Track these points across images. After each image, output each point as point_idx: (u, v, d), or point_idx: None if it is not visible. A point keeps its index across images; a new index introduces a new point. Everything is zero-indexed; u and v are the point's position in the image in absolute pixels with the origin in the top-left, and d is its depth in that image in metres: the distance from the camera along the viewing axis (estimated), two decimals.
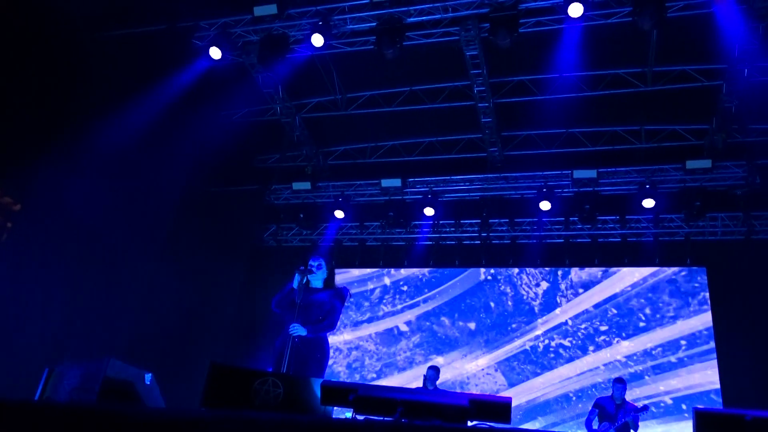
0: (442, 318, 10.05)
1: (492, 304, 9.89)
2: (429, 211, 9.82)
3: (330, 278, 4.67)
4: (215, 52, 8.05)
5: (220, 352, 8.95)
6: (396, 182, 9.88)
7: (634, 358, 8.91)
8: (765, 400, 7.41)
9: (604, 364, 8.99)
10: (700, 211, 8.81)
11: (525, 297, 9.79)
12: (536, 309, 9.65)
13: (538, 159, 9.54)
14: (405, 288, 10.45)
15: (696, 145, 8.81)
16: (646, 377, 8.76)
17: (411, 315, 10.23)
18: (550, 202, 9.24)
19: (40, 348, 6.42)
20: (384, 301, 10.45)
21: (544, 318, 9.55)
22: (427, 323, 10.10)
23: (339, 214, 10.16)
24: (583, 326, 9.33)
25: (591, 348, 9.16)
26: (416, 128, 9.75)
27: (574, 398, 8.94)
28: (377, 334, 10.23)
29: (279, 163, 10.62)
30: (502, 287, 9.98)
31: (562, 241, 9.86)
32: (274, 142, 10.25)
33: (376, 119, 9.61)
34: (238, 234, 10.30)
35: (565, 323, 9.42)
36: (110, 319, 7.55)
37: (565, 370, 9.14)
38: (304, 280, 4.52)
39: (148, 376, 3.00)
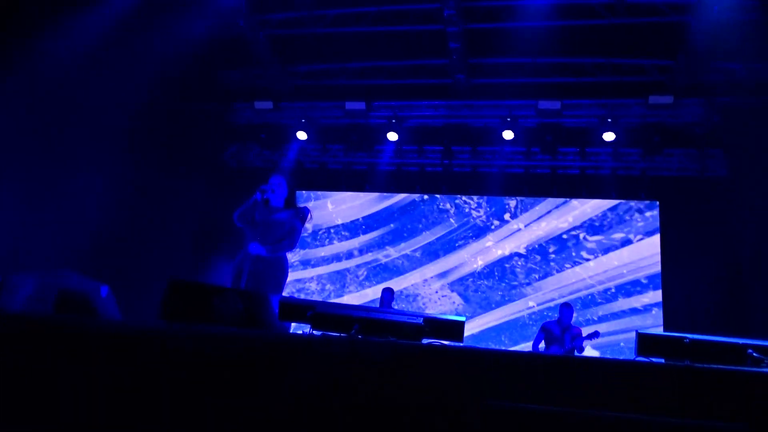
0: (387, 248, 10.21)
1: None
2: (392, 136, 9.77)
3: (290, 198, 4.66)
4: None
5: (179, 268, 8.92)
6: (360, 105, 9.74)
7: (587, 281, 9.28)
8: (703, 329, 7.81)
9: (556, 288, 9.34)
10: (659, 146, 8.98)
11: (467, 211, 10.02)
12: (480, 224, 9.93)
13: (503, 88, 9.48)
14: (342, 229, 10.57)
15: (659, 81, 8.88)
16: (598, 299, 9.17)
17: (354, 250, 10.36)
18: (512, 131, 9.28)
19: None
20: (325, 240, 10.54)
21: (494, 233, 9.82)
22: (371, 255, 10.25)
23: (302, 135, 10.03)
24: (534, 252, 9.64)
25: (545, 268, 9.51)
26: (383, 51, 9.53)
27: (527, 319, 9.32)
28: (320, 276, 10.36)
29: (241, 81, 10.33)
30: (442, 205, 10.18)
31: (522, 171, 9.97)
32: (237, 58, 9.92)
33: (342, 40, 9.33)
34: (199, 152, 10.10)
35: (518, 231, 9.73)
36: (67, 230, 7.43)
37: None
38: (265, 198, 4.50)
39: (104, 289, 2.99)
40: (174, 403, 2.10)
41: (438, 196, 10.23)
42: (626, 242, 9.35)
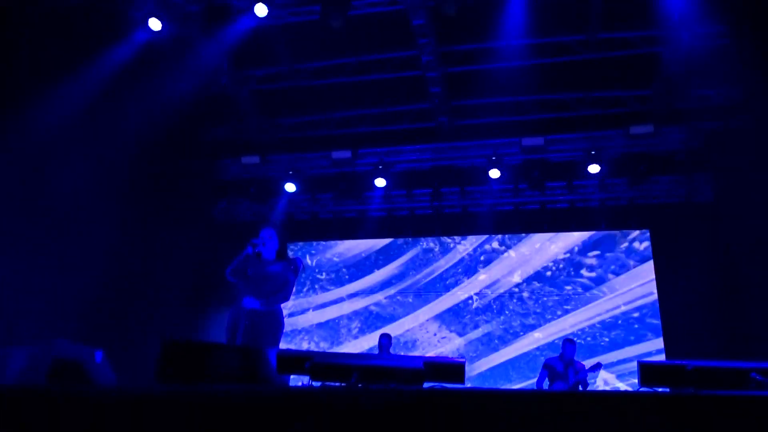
0: (375, 295, 10.18)
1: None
2: (380, 182, 9.83)
3: (282, 250, 4.65)
4: (155, 23, 7.80)
5: (174, 326, 8.83)
6: (346, 154, 9.82)
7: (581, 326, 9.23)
8: (704, 355, 7.76)
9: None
10: (644, 174, 9.08)
11: (452, 246, 10.06)
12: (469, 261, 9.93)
13: (487, 127, 9.61)
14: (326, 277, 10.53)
15: (639, 111, 9.03)
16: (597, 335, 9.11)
17: (345, 304, 10.33)
18: (499, 170, 9.37)
19: None
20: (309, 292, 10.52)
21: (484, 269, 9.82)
22: (361, 302, 10.21)
23: (290, 187, 10.07)
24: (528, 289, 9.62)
25: (538, 310, 9.46)
26: (366, 99, 9.68)
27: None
28: (310, 333, 10.29)
29: (227, 136, 10.42)
30: (425, 245, 10.23)
31: (512, 208, 10.03)
32: (222, 115, 10.03)
33: (325, 91, 9.49)
34: (188, 209, 10.09)
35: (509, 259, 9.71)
36: (58, 298, 7.35)
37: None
38: (256, 251, 4.49)
39: (98, 354, 2.95)
40: None
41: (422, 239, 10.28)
42: (621, 270, 9.36)
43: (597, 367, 7.09)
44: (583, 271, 9.49)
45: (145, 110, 8.34)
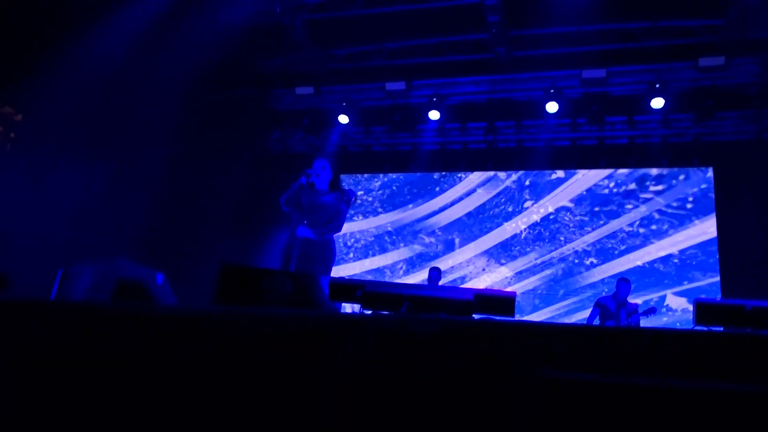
0: (420, 236, 10.17)
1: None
2: (434, 115, 9.70)
3: (335, 181, 4.68)
4: None
5: (228, 253, 9.12)
6: (400, 85, 9.68)
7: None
8: (763, 296, 7.56)
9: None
10: (711, 110, 8.67)
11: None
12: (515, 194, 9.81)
13: (546, 59, 9.29)
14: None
15: (709, 42, 8.54)
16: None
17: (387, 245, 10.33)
18: (557, 103, 9.10)
19: (53, 250, 6.56)
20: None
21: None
22: (405, 248, 10.22)
23: (343, 118, 10.05)
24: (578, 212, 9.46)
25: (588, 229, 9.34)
26: (421, 29, 9.44)
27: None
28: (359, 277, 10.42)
29: (281, 67, 10.39)
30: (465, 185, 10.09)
31: (568, 143, 9.78)
32: (276, 45, 9.98)
33: (379, 20, 9.28)
34: (242, 140, 10.24)
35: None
36: (120, 221, 7.67)
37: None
38: (310, 181, 4.53)
39: (159, 276, 3.07)
40: (230, 381, 2.15)
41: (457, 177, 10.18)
42: (680, 208, 9.09)
43: (651, 311, 6.92)
44: (641, 206, 9.25)
45: (199, 41, 8.38)
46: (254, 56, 10.24)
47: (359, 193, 10.49)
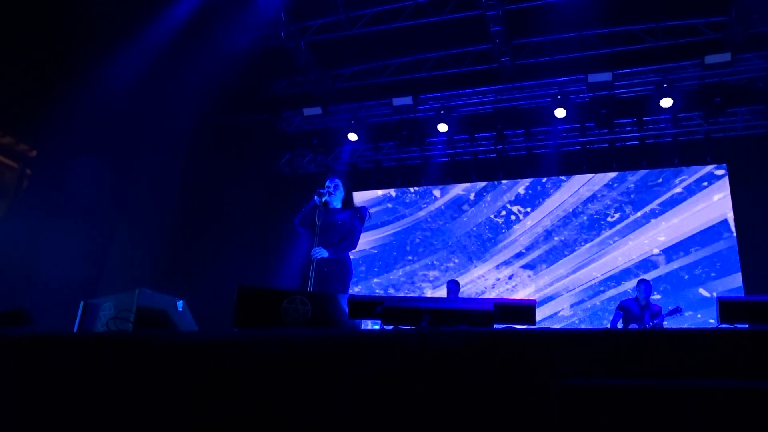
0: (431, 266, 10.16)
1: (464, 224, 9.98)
2: (442, 127, 9.72)
3: (348, 198, 4.70)
4: None
5: (245, 276, 9.15)
6: (407, 100, 9.74)
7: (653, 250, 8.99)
8: None
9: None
10: (720, 106, 8.62)
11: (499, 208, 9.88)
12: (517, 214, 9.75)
13: (551, 66, 9.30)
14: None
15: (714, 39, 8.51)
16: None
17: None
18: (565, 109, 9.10)
19: (74, 284, 6.62)
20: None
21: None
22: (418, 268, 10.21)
23: (352, 136, 10.10)
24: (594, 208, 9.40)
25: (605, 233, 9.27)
26: (424, 43, 9.50)
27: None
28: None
29: (287, 89, 10.49)
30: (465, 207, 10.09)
31: (579, 148, 9.76)
32: (281, 68, 10.08)
33: (382, 37, 9.35)
34: (253, 163, 10.32)
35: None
36: (137, 250, 7.73)
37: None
38: (323, 201, 4.55)
39: (179, 303, 3.09)
40: (251, 403, 2.15)
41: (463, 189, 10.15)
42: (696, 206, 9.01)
43: (677, 311, 6.74)
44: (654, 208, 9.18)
45: (206, 69, 8.49)
46: (261, 80, 10.36)
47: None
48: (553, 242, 9.52)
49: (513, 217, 9.87)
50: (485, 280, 9.72)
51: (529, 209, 9.82)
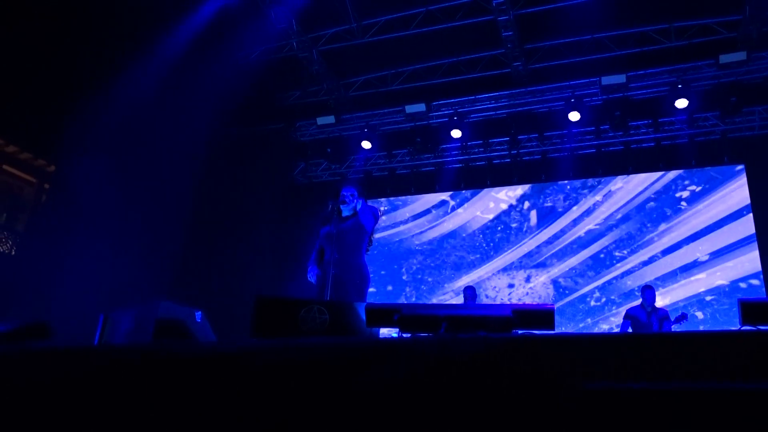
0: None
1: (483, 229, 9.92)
2: (456, 134, 9.71)
3: (364, 206, 4.69)
4: None
5: (262, 286, 9.18)
6: (420, 107, 9.74)
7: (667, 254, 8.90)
8: None
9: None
10: (736, 106, 8.53)
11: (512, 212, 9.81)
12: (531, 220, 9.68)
13: (564, 69, 9.27)
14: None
15: (729, 38, 8.44)
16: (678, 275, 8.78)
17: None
18: (579, 112, 9.05)
19: (93, 296, 6.68)
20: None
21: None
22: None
23: (366, 144, 10.12)
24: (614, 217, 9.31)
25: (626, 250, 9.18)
26: (436, 50, 9.52)
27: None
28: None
29: (301, 99, 10.54)
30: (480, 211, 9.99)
31: (594, 151, 9.70)
32: (294, 78, 10.14)
33: (394, 45, 9.38)
34: (268, 173, 10.36)
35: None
36: (155, 262, 7.78)
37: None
38: (338, 207, 4.57)
39: (198, 314, 3.10)
40: (270, 413, 2.15)
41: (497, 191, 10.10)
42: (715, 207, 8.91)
43: (683, 318, 6.79)
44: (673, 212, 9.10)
45: (220, 79, 8.56)
46: (275, 90, 10.43)
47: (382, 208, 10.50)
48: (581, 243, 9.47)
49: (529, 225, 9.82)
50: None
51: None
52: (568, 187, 9.76)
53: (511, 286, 9.59)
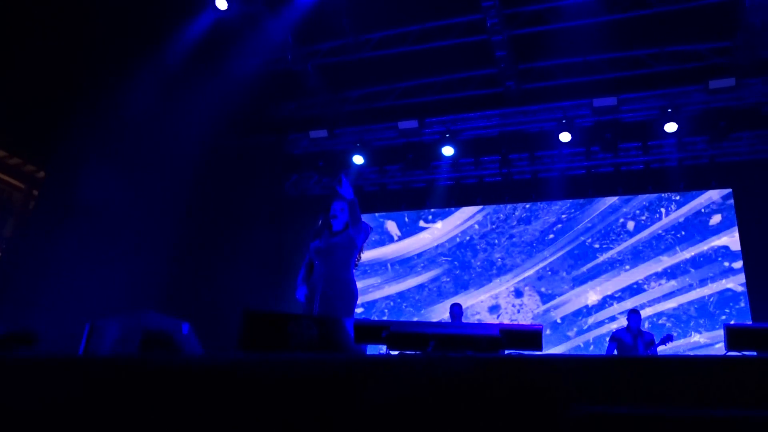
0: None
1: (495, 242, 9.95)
2: (448, 151, 9.76)
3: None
4: (221, 2, 7.94)
5: (251, 299, 9.13)
6: (413, 124, 9.79)
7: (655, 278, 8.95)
8: None
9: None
10: (725, 131, 8.64)
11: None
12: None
13: (556, 90, 9.36)
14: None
15: (719, 64, 8.56)
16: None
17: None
18: (569, 133, 9.13)
19: (81, 304, 6.62)
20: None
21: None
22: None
23: (358, 159, 10.14)
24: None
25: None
26: (431, 67, 9.58)
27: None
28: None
29: (295, 112, 10.56)
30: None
31: (584, 172, 9.77)
32: (289, 91, 10.16)
33: (389, 61, 9.44)
34: (260, 185, 10.35)
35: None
36: (143, 272, 7.73)
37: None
38: (329, 222, 4.56)
39: (185, 326, 3.08)
40: (256, 428, 2.14)
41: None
42: (699, 232, 8.98)
43: (668, 339, 6.81)
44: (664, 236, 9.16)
45: (215, 90, 8.57)
46: (268, 103, 10.44)
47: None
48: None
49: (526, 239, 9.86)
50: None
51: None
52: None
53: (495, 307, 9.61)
